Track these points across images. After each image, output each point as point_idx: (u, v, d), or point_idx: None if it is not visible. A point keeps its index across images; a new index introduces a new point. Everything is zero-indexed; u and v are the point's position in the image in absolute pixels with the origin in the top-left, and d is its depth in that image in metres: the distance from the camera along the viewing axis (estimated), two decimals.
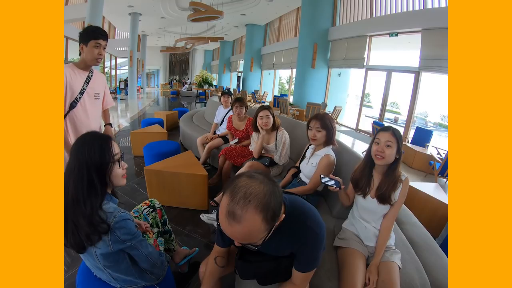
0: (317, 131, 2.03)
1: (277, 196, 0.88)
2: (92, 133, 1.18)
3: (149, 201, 1.77)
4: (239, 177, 0.89)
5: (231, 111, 3.89)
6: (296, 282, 1.16)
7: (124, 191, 3.28)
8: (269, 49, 15.56)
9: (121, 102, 14.02)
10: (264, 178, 0.88)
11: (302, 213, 1.09)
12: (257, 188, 0.83)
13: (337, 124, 9.51)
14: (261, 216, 0.82)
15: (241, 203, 0.81)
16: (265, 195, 0.83)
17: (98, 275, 1.34)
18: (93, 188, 1.11)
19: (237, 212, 0.80)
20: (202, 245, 2.30)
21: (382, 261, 1.47)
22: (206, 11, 9.46)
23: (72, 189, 1.09)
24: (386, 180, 1.51)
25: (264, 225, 0.84)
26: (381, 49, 9.21)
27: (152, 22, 15.78)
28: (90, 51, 1.89)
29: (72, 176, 1.09)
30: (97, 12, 8.51)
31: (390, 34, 7.77)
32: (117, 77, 20.38)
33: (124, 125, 7.81)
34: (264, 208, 0.82)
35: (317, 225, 1.08)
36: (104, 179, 1.15)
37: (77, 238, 1.10)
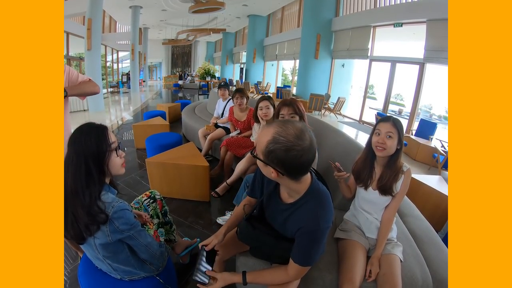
0: (291, 117, 2.01)
1: (289, 155, 0.95)
2: (88, 124, 1.17)
3: (150, 192, 1.77)
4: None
5: (230, 102, 3.87)
6: (290, 272, 1.16)
7: (127, 184, 3.29)
8: (272, 40, 15.42)
9: (124, 95, 14.05)
10: (301, 140, 0.96)
11: (319, 201, 1.10)
12: (291, 132, 0.96)
13: (340, 116, 9.56)
14: (269, 139, 0.97)
15: (277, 123, 1.00)
16: (287, 138, 0.95)
17: (99, 266, 1.35)
18: (91, 178, 1.11)
19: (271, 122, 1.02)
20: (203, 236, 2.30)
21: (384, 254, 1.45)
22: (208, 2, 9.40)
23: (70, 180, 1.09)
24: (388, 172, 1.48)
25: (264, 145, 0.98)
26: (385, 40, 9.08)
27: (153, 14, 15.63)
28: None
29: (70, 167, 1.10)
30: (97, 6, 8.47)
31: (395, 24, 7.63)
32: (119, 71, 20.37)
33: (127, 118, 7.82)
34: (275, 140, 0.96)
35: (324, 220, 1.07)
36: (102, 168, 1.15)
37: (77, 229, 1.11)
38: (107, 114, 8.52)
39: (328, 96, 10.00)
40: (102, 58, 12.22)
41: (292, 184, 1.09)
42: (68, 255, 2.07)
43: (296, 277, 1.19)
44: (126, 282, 1.37)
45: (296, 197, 1.14)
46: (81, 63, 13.74)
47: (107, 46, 17.32)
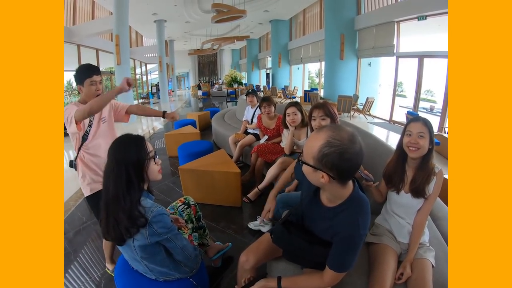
0: (322, 119, 2.03)
1: (343, 158, 0.97)
2: (126, 135, 1.28)
3: (184, 199, 1.86)
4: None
5: (259, 109, 3.91)
6: (325, 278, 1.17)
7: (160, 190, 3.44)
8: (295, 43, 15.39)
9: (154, 106, 14.63)
10: (353, 143, 0.99)
11: (360, 208, 1.11)
12: (344, 136, 0.98)
13: (370, 116, 9.29)
14: (322, 143, 0.98)
15: (329, 127, 1.03)
16: (341, 141, 0.97)
17: (135, 267, 1.44)
18: (132, 185, 1.20)
19: (322, 128, 1.04)
20: (235, 240, 2.36)
21: (415, 258, 1.41)
22: (229, 11, 9.54)
23: (112, 187, 1.20)
24: (420, 173, 1.45)
25: (317, 149, 0.99)
26: (410, 35, 8.74)
27: (177, 27, 16.19)
28: (88, 90, 1.87)
29: (111, 176, 1.20)
30: (123, 23, 8.85)
31: (418, 18, 7.29)
32: (148, 82, 21.26)
33: (159, 127, 8.15)
34: (329, 143, 0.97)
35: (363, 227, 1.08)
36: (141, 175, 1.25)
37: (118, 232, 1.21)
38: (139, 124, 8.92)
39: (357, 96, 9.74)
40: (131, 71, 12.80)
41: (338, 189, 1.10)
42: (102, 258, 2.21)
43: (330, 283, 1.18)
44: (161, 282, 1.45)
45: (338, 202, 1.14)
46: (111, 77, 14.56)
47: (136, 60, 18.18)
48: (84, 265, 2.22)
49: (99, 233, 2.62)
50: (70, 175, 4.40)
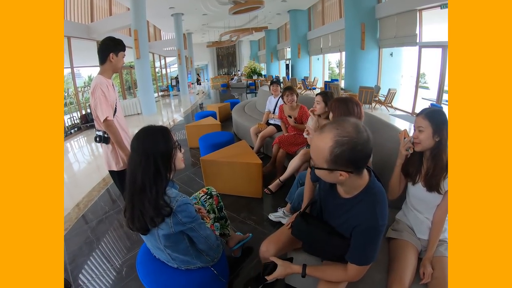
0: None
1: (356, 150, 0.96)
2: (151, 126, 1.31)
3: (206, 189, 1.90)
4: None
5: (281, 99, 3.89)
6: (349, 273, 1.17)
7: (182, 180, 3.53)
8: (315, 33, 15.03)
9: (174, 98, 14.85)
10: (361, 133, 0.97)
11: (377, 198, 1.10)
12: (349, 129, 0.96)
13: (391, 108, 9.03)
14: (331, 145, 0.96)
15: (330, 125, 0.99)
16: (349, 135, 0.95)
17: (158, 256, 1.50)
18: (159, 175, 1.24)
19: (323, 128, 1.01)
20: (255, 231, 2.40)
21: (435, 256, 1.39)
22: (246, 2, 9.49)
23: (139, 178, 1.22)
24: (432, 165, 1.42)
25: (328, 152, 0.97)
26: (433, 23, 8.35)
27: (194, 20, 16.18)
28: (120, 60, 2.11)
29: (139, 168, 1.22)
30: (141, 18, 9.00)
31: (441, 6, 6.93)
32: (168, 75, 21.56)
33: (179, 119, 8.29)
34: (338, 142, 0.95)
35: (381, 217, 1.08)
36: (169, 164, 1.28)
37: (142, 222, 1.25)
38: (160, 116, 9.13)
39: (378, 88, 9.45)
40: (151, 65, 12.98)
41: (356, 180, 1.10)
42: (123, 247, 2.32)
43: (355, 278, 1.18)
44: (182, 271, 1.49)
45: (354, 193, 1.14)
46: (131, 71, 14.79)
47: (155, 53, 18.38)
48: (106, 253, 2.33)
49: (121, 222, 2.75)
50: (94, 166, 4.64)
